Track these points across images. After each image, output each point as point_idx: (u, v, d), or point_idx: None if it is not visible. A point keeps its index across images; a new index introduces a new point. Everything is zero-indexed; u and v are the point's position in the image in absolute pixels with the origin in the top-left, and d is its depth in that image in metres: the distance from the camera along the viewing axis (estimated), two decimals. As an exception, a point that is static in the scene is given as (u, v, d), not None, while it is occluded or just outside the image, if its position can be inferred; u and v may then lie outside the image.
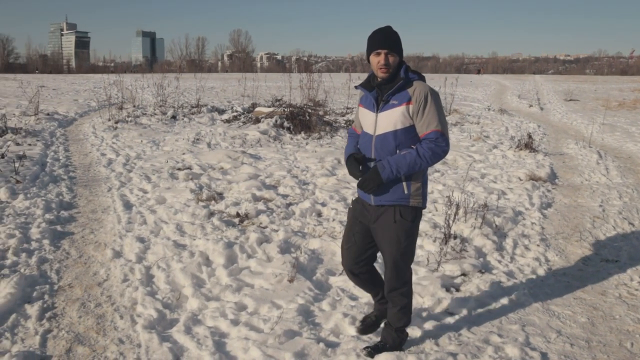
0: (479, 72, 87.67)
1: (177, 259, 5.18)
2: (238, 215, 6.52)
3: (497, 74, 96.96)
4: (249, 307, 4.30)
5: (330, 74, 27.56)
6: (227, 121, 15.69)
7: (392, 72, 3.30)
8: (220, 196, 7.51)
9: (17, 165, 8.91)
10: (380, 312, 3.87)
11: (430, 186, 8.08)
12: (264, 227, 6.13)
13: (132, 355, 3.66)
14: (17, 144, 11.54)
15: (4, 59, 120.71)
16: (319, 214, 6.73)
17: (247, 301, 4.37)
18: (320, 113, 15.31)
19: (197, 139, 12.62)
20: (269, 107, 16.30)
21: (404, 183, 3.33)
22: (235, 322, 4.04)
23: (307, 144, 12.26)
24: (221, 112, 17.96)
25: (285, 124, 13.61)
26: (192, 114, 17.35)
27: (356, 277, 3.75)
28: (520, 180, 8.57)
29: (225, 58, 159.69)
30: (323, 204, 7.05)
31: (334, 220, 6.40)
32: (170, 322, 4.14)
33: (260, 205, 6.87)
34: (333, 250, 5.45)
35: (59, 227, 6.23)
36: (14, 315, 4.13)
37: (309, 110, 14.58)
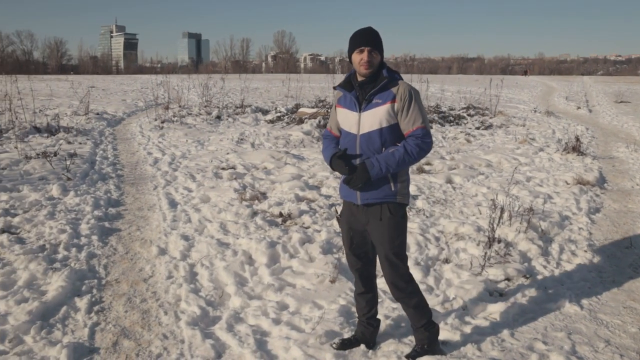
0: (525, 73, 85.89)
1: (221, 258, 5.25)
2: (281, 215, 6.56)
3: (544, 75, 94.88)
4: (291, 307, 4.32)
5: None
6: (271, 121, 15.82)
7: (374, 70, 3.31)
8: (264, 196, 7.58)
9: (68, 163, 9.19)
10: (362, 334, 3.78)
11: (474, 189, 7.97)
12: (307, 228, 6.15)
13: (176, 351, 3.73)
14: (69, 143, 11.89)
15: (57, 61, 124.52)
16: (362, 215, 6.71)
17: (288, 301, 4.39)
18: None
19: (241, 139, 12.76)
20: (313, 108, 16.35)
21: (391, 180, 3.35)
22: (276, 321, 4.07)
23: (350, 145, 12.21)
24: (265, 112, 18.12)
25: (329, 124, 13.58)
26: (237, 114, 17.56)
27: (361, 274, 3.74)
28: (567, 184, 8.37)
29: (269, 59, 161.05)
30: (366, 205, 7.03)
31: (376, 221, 6.37)
32: (213, 319, 4.19)
33: (303, 206, 6.90)
34: (375, 251, 5.43)
35: (107, 224, 6.39)
36: (64, 308, 4.26)
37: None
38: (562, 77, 73.43)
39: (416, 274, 4.81)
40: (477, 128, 15.16)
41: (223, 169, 9.40)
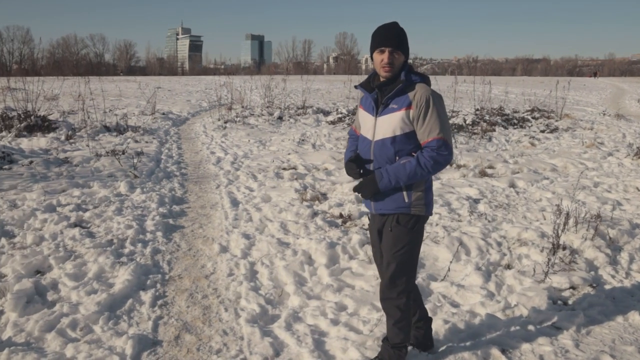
0: (594, 74, 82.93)
1: (281, 257, 5.30)
2: (341, 216, 6.58)
3: (614, 77, 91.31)
4: (349, 308, 4.32)
5: (435, 77, 27.15)
6: (332, 123, 15.87)
7: (396, 72, 3.09)
8: (324, 196, 7.61)
9: (135, 161, 9.51)
10: (415, 338, 3.64)
11: (538, 193, 7.76)
12: (367, 229, 6.14)
13: (235, 347, 3.79)
14: (136, 142, 12.30)
15: (126, 62, 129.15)
16: (422, 218, 6.64)
17: (347, 302, 4.40)
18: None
19: (302, 140, 12.85)
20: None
21: (405, 192, 3.14)
22: (335, 322, 4.08)
23: (410, 147, 12.11)
24: (326, 113, 18.19)
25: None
26: (298, 115, 17.70)
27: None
28: (639, 190, 8.02)
29: (331, 60, 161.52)
30: (426, 208, 6.96)
31: (437, 225, 6.30)
32: (272, 317, 4.24)
33: (363, 207, 6.89)
34: (435, 255, 5.37)
35: (171, 221, 6.57)
36: (130, 300, 4.41)
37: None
38: (635, 79, 70.48)
39: (477, 279, 4.74)
40: (542, 131, 14.74)
41: (284, 169, 9.51)
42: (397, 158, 3.11)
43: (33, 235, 5.74)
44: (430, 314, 4.17)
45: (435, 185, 8.23)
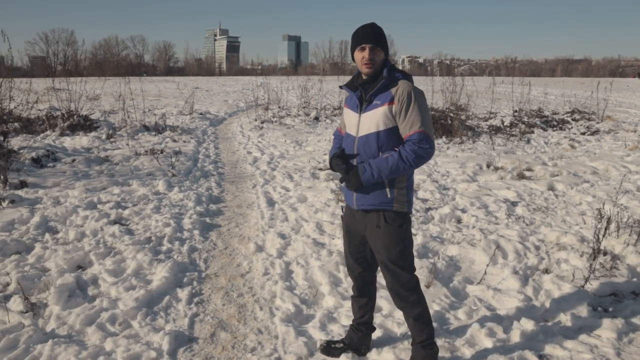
0: (639, 75, 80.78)
1: (316, 257, 5.31)
2: (376, 217, 6.55)
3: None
4: (384, 310, 4.31)
5: (472, 78, 26.84)
6: (368, 124, 15.82)
7: (377, 69, 3.15)
8: (359, 197, 7.58)
9: (173, 160, 9.66)
10: (350, 339, 3.67)
11: (578, 197, 7.59)
12: (401, 231, 6.10)
13: (270, 346, 3.82)
14: (174, 141, 12.49)
15: (165, 63, 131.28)
16: (459, 220, 6.58)
17: (382, 303, 4.38)
18: (463, 117, 14.97)
19: (338, 141, 12.84)
20: (410, 110, 16.18)
21: (387, 187, 3.15)
22: (369, 323, 4.06)
23: (448, 148, 12.04)
24: (362, 114, 18.14)
25: (426, 127, 13.43)
26: (334, 115, 17.72)
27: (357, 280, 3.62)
28: (685, 195, 7.78)
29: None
30: (463, 210, 6.90)
31: (473, 227, 6.23)
32: (307, 317, 4.25)
33: (398, 209, 6.85)
34: (472, 258, 5.31)
35: (207, 219, 6.65)
36: (167, 297, 4.48)
37: (451, 115, 14.31)
38: (681, 81, 68.27)
39: (514, 283, 4.67)
40: (583, 133, 14.44)
41: (320, 169, 9.53)
42: (380, 153, 3.14)
43: (75, 232, 5.88)
44: (465, 317, 4.14)
45: (472, 187, 8.14)
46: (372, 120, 3.13)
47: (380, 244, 3.25)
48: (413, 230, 6.08)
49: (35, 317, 4.12)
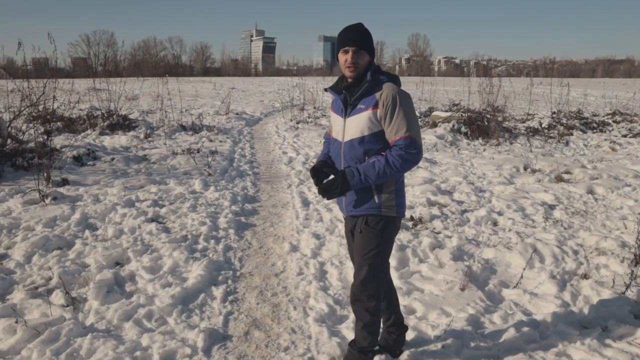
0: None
1: (350, 257, 5.30)
2: (412, 218, 6.52)
3: None
4: (418, 312, 4.28)
5: (510, 79, 26.46)
6: (403, 125, 15.73)
7: (361, 72, 3.06)
8: (394, 199, 7.55)
9: (209, 159, 9.78)
10: (385, 342, 3.61)
11: (618, 201, 7.41)
12: (438, 233, 6.07)
13: (303, 345, 3.83)
14: (210, 141, 12.64)
15: (202, 64, 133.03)
16: (495, 223, 6.50)
17: (416, 305, 4.36)
18: (499, 119, 14.76)
19: (373, 141, 12.81)
20: (446, 111, 16.07)
21: (374, 192, 3.10)
22: (403, 325, 4.05)
23: (484, 150, 11.91)
24: (397, 115, 18.05)
25: (463, 129, 13.34)
26: (369, 116, 17.66)
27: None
28: None
29: (403, 62, 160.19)
30: (499, 213, 6.80)
31: (510, 230, 6.14)
32: (340, 318, 4.25)
33: (435, 210, 6.81)
34: (508, 261, 5.24)
35: (243, 219, 6.71)
36: (202, 295, 4.54)
37: (488, 116, 14.12)
38: None
39: (551, 287, 4.59)
40: (624, 136, 14.08)
41: (354, 170, 9.50)
42: (366, 158, 3.07)
43: (113, 229, 6.01)
44: (501, 322, 4.08)
45: (509, 189, 8.03)
46: (357, 125, 3.07)
47: (358, 245, 3.21)
48: (448, 233, 6.03)
49: (75, 311, 4.23)
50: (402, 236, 5.85)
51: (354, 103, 3.10)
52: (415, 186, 8.10)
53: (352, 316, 4.18)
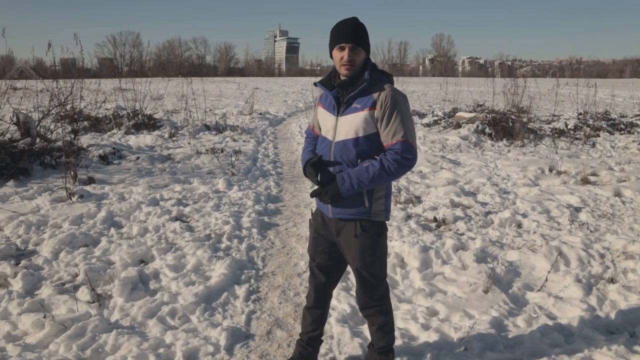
0: None
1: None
2: (435, 220, 6.49)
3: None
4: (441, 314, 4.26)
5: (535, 79, 26.17)
6: (428, 125, 15.69)
7: (357, 69, 2.93)
8: (418, 200, 7.54)
9: (233, 159, 9.83)
10: (300, 356, 3.48)
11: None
12: (461, 234, 6.03)
13: (325, 346, 3.82)
14: (234, 140, 12.71)
15: (226, 64, 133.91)
16: (519, 225, 6.44)
17: (439, 307, 4.34)
18: (524, 120, 14.60)
19: (396, 142, 12.77)
20: (471, 112, 15.96)
21: (365, 196, 2.99)
22: (425, 327, 4.03)
23: (509, 151, 11.79)
24: (422, 116, 18.02)
25: (487, 130, 13.23)
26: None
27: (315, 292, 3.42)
28: None
29: (427, 62, 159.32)
30: (524, 215, 6.73)
31: (534, 232, 6.08)
32: (362, 319, 4.22)
33: (458, 212, 6.77)
34: (532, 264, 5.18)
35: (266, 218, 6.74)
36: (225, 294, 4.57)
37: (512, 117, 13.99)
38: None
39: (576, 291, 4.53)
40: (654, 138, 13.82)
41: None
42: (359, 161, 2.95)
43: (138, 227, 6.08)
44: (525, 325, 4.05)
45: (533, 191, 7.94)
46: (351, 125, 2.94)
47: (356, 252, 3.09)
48: (471, 234, 5.99)
49: (100, 307, 4.29)
50: (426, 237, 5.82)
51: (348, 102, 2.97)
52: (439, 187, 8.06)
53: (374, 317, 4.18)
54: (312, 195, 3.06)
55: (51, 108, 10.69)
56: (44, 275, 4.83)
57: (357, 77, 2.95)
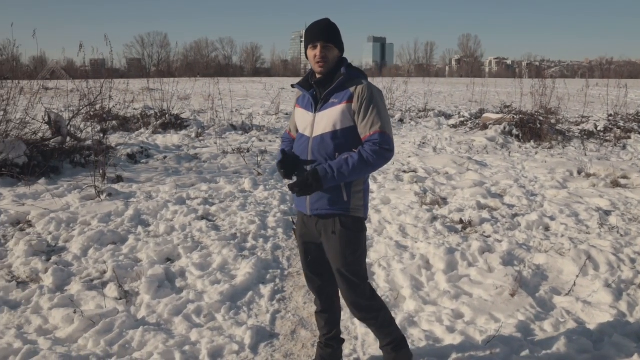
0: None
1: (398, 260, 5.28)
2: (461, 221, 6.44)
3: None
4: (466, 316, 4.22)
5: (564, 80, 25.81)
6: (454, 126, 15.59)
7: (331, 67, 2.99)
8: (444, 201, 7.50)
9: (259, 159, 9.89)
10: (321, 358, 3.49)
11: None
12: (487, 237, 5.97)
13: (349, 346, 3.82)
14: (260, 140, 12.78)
15: (252, 65, 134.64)
16: (547, 228, 6.35)
17: (464, 309, 4.30)
18: (553, 121, 14.40)
19: (423, 143, 12.73)
20: (498, 113, 15.80)
21: (344, 190, 2.98)
22: (450, 329, 3.99)
23: (536, 153, 11.65)
24: (448, 117, 17.92)
25: (514, 131, 13.09)
26: (419, 117, 17.56)
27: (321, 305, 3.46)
28: None
29: (453, 63, 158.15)
30: (552, 218, 6.64)
31: (562, 236, 5.99)
32: (387, 319, 4.23)
33: (485, 214, 6.71)
34: (560, 268, 5.11)
35: (291, 218, 6.75)
36: (250, 293, 4.60)
37: (540, 118, 13.81)
38: None
39: (606, 296, 4.45)
40: (687, 141, 13.52)
41: (404, 172, 9.46)
42: (337, 155, 2.95)
43: (165, 225, 6.15)
44: (552, 330, 3.99)
45: (561, 194, 7.83)
46: (329, 119, 2.97)
47: (336, 250, 3.06)
48: (498, 237, 5.93)
49: (128, 304, 4.35)
50: (451, 239, 5.78)
51: (325, 98, 3.02)
52: (465, 189, 7.99)
53: (399, 318, 4.16)
54: (290, 187, 2.99)
55: (81, 107, 10.87)
56: (73, 272, 4.92)
57: (333, 75, 3.02)
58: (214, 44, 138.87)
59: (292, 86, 3.26)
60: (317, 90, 3.07)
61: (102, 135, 10.41)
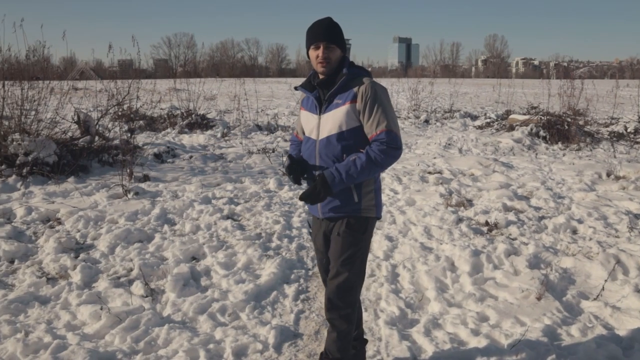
0: None
1: (423, 261, 5.26)
2: (487, 223, 6.39)
3: None
4: (491, 319, 4.18)
5: (593, 81, 25.40)
6: (480, 127, 15.46)
7: (334, 67, 2.95)
8: (470, 203, 7.43)
9: (284, 159, 9.90)
10: None
11: None
12: (513, 239, 5.91)
13: (373, 347, 3.82)
14: (285, 140, 12.82)
15: (278, 65, 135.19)
16: (574, 231, 6.26)
17: (489, 312, 4.26)
18: (581, 123, 14.19)
19: (449, 144, 12.65)
20: (524, 114, 15.63)
21: (354, 191, 2.93)
22: (475, 332, 3.96)
23: (564, 155, 11.49)
24: (474, 118, 17.77)
25: (541, 133, 12.93)
26: (445, 118, 17.46)
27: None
28: None
29: (479, 63, 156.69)
30: (579, 221, 6.54)
31: (590, 239, 5.89)
32: (411, 321, 4.21)
33: (511, 216, 6.63)
34: (588, 272, 5.03)
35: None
36: (274, 293, 4.62)
37: (568, 120, 13.62)
38: None
39: (636, 301, 4.36)
40: None
41: (429, 173, 9.41)
42: (344, 156, 2.92)
43: (190, 224, 6.21)
44: (579, 335, 3.92)
45: (590, 196, 7.71)
46: (335, 121, 2.93)
47: (336, 249, 3.04)
48: (524, 239, 5.86)
49: (153, 301, 4.40)
50: (477, 241, 5.73)
51: (329, 99, 2.98)
52: (491, 190, 7.92)
53: (423, 320, 4.15)
54: (301, 198, 2.97)
55: (109, 107, 11.03)
56: (100, 269, 5.00)
57: (336, 75, 2.98)
58: (239, 44, 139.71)
59: (295, 88, 3.25)
60: (321, 92, 3.04)
61: (129, 135, 10.54)
